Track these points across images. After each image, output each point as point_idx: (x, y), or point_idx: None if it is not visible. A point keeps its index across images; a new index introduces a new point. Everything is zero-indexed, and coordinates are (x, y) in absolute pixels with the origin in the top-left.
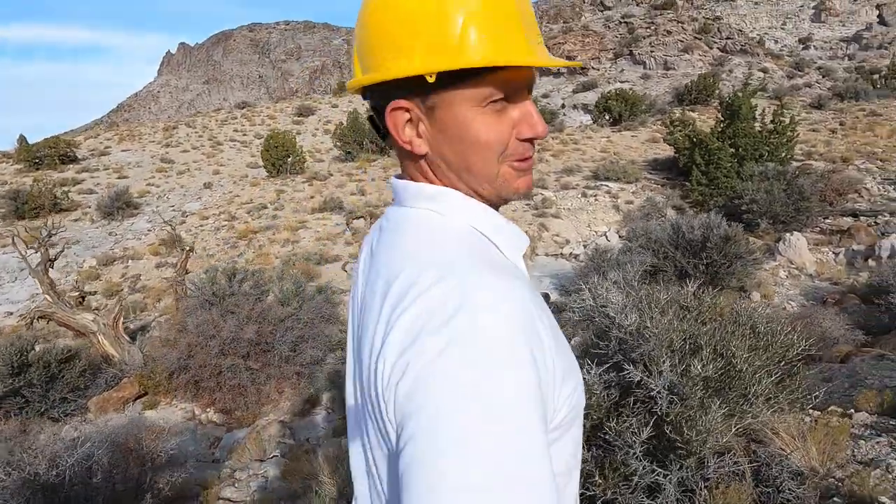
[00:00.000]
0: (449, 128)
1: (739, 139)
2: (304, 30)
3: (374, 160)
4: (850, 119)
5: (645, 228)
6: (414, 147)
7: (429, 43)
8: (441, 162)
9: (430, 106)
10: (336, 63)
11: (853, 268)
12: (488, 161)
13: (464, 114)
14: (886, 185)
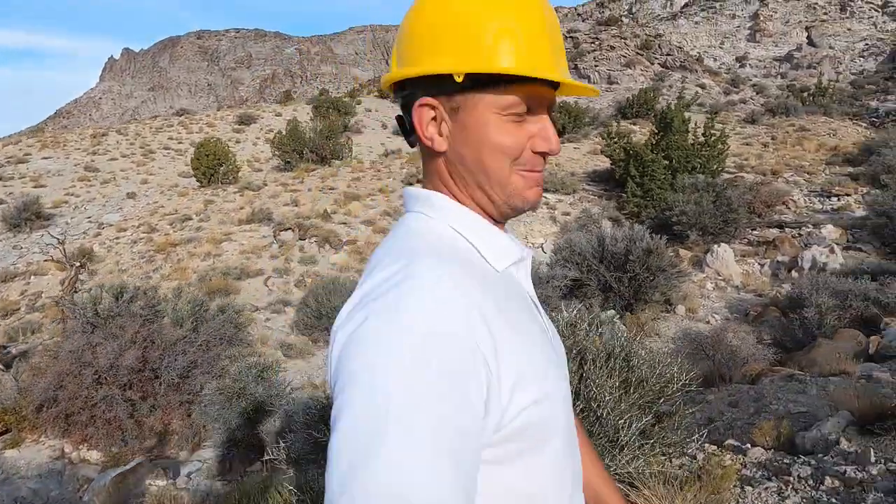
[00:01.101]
0: (470, 129)
1: (672, 151)
2: (254, 38)
3: (314, 170)
4: (781, 134)
5: (569, 241)
6: (434, 144)
7: (463, 46)
8: (458, 162)
9: (454, 107)
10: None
11: (777, 279)
12: (502, 165)
13: (486, 118)
14: (812, 197)
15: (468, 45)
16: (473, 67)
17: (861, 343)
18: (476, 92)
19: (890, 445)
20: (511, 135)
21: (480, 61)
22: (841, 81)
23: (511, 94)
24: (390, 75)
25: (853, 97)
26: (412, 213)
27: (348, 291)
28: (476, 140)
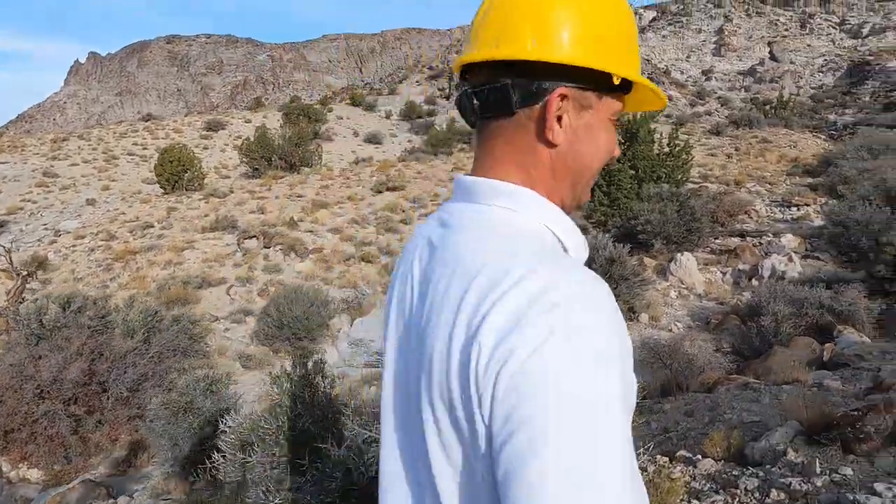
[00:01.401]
0: (593, 129)
1: (639, 161)
2: (226, 44)
3: (282, 177)
4: (745, 145)
5: None
6: (554, 135)
7: (625, 50)
8: (569, 157)
9: (585, 104)
10: (259, 79)
11: (739, 287)
12: (600, 167)
13: (603, 121)
14: (773, 206)
15: (628, 51)
16: (629, 74)
17: (815, 351)
18: (608, 95)
19: (835, 456)
20: (612, 139)
21: (633, 69)
22: (801, 95)
23: (622, 103)
24: (542, 54)
25: (813, 110)
26: (490, 206)
27: (311, 300)
28: (594, 141)
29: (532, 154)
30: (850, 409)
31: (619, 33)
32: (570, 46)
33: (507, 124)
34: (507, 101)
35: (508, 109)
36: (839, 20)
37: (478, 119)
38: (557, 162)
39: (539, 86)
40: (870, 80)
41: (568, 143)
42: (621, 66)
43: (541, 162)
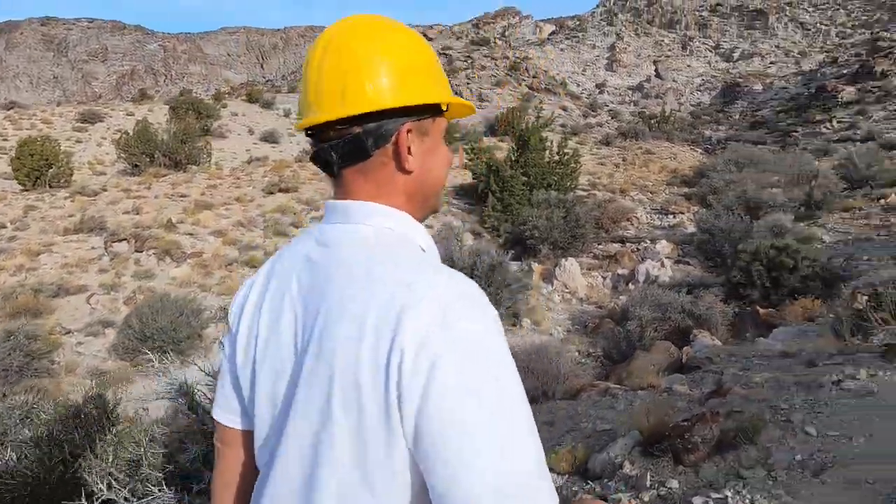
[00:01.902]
0: (434, 150)
1: (530, 168)
2: (111, 30)
3: (165, 175)
4: (631, 155)
5: None
6: (408, 164)
7: (441, 80)
8: (421, 178)
9: (423, 131)
10: (150, 69)
11: (617, 291)
12: (444, 181)
13: (439, 140)
14: (653, 214)
15: (442, 80)
16: (450, 98)
17: (673, 355)
18: (438, 118)
19: (666, 468)
20: (448, 152)
21: (449, 91)
22: (682, 111)
23: (444, 119)
24: (389, 99)
25: (692, 125)
26: (370, 226)
27: (180, 308)
28: (438, 157)
29: (390, 183)
30: (682, 419)
31: (432, 66)
32: (407, 90)
33: (365, 166)
34: (363, 148)
35: (366, 155)
36: (714, 44)
37: (339, 168)
38: (411, 185)
39: (386, 128)
40: (739, 100)
41: (419, 167)
42: (442, 94)
43: (399, 187)
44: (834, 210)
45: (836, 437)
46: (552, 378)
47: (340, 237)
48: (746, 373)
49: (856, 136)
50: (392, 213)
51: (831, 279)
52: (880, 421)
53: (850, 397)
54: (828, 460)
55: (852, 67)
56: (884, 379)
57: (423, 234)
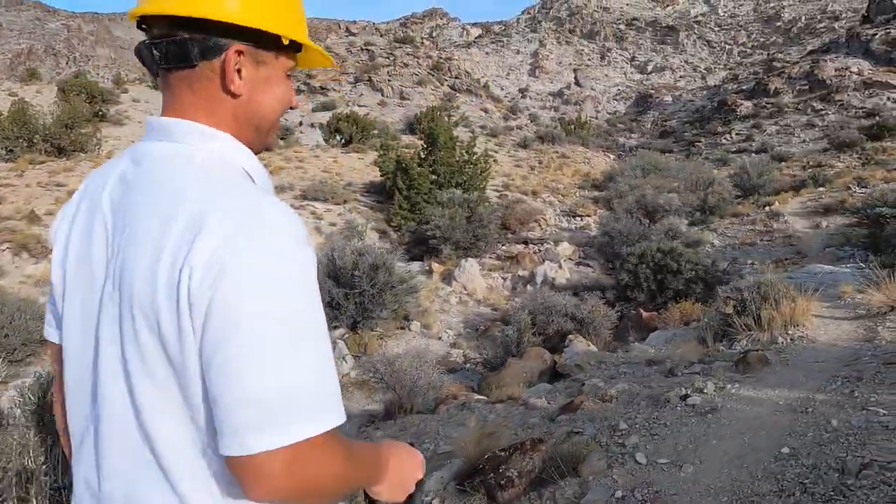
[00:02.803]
0: (270, 81)
1: (439, 167)
2: (6, 5)
3: (43, 162)
4: (547, 159)
5: None
6: (234, 85)
7: (291, 15)
8: (249, 105)
9: (260, 60)
10: (50, 49)
11: (515, 293)
12: (279, 115)
13: (279, 75)
14: (561, 216)
15: (294, 16)
16: (296, 36)
17: (546, 361)
18: (281, 53)
19: None
20: (289, 91)
21: (299, 32)
22: (599, 119)
23: (293, 60)
24: (213, 10)
25: (607, 132)
26: (188, 145)
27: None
28: (273, 92)
29: (217, 102)
30: (501, 447)
31: (285, 2)
32: (240, 8)
33: (190, 75)
34: (187, 54)
35: (189, 62)
36: (630, 56)
37: (160, 69)
38: (240, 109)
39: (216, 42)
40: (651, 110)
41: (248, 94)
42: (288, 29)
43: (225, 109)
44: (725, 215)
45: (665, 465)
46: (407, 390)
47: (156, 156)
48: (610, 382)
49: (751, 147)
50: (215, 135)
51: (712, 282)
52: (715, 444)
53: (693, 415)
54: (648, 497)
55: (750, 84)
56: (730, 393)
57: (249, 159)
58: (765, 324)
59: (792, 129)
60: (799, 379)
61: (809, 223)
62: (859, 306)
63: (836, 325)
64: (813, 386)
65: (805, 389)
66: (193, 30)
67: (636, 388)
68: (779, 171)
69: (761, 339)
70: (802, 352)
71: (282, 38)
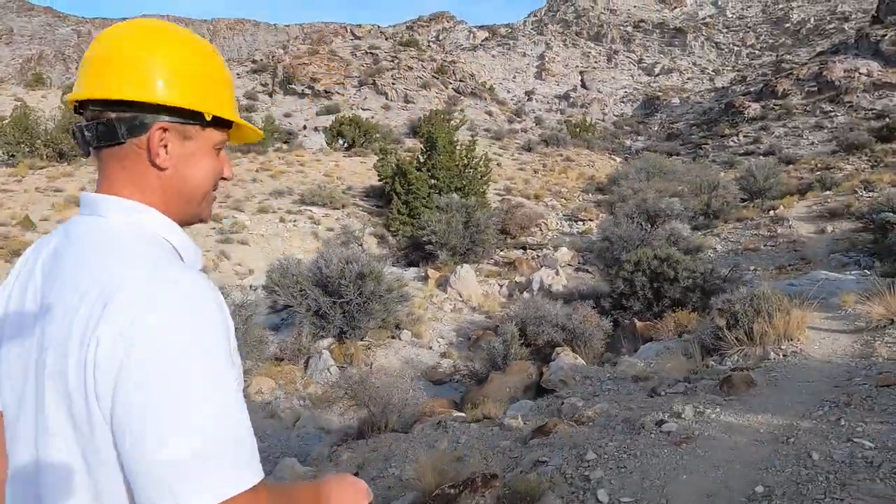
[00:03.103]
0: (196, 155)
1: (438, 171)
2: (17, 10)
3: (42, 168)
4: (551, 162)
5: (283, 264)
6: (160, 160)
7: (215, 93)
8: (176, 179)
9: (187, 135)
10: (60, 54)
11: (512, 300)
12: (209, 187)
13: (207, 149)
14: (563, 220)
15: (219, 93)
16: (220, 112)
17: (532, 375)
18: (206, 128)
19: None
20: (215, 166)
21: (224, 109)
22: (606, 121)
23: (223, 134)
24: (137, 92)
25: (614, 135)
26: (114, 220)
27: None
28: (200, 165)
29: (145, 176)
30: (451, 483)
31: (209, 79)
32: (162, 89)
33: (119, 152)
34: (115, 133)
35: (117, 140)
36: (638, 58)
37: (92, 149)
38: (167, 183)
39: (141, 120)
40: (658, 112)
41: (175, 168)
42: (211, 106)
43: (153, 183)
44: (729, 220)
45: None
46: (381, 407)
47: (82, 230)
48: (590, 401)
49: (759, 149)
50: (140, 209)
51: (710, 290)
52: (685, 479)
53: (666, 444)
54: None
55: (758, 86)
56: (709, 419)
57: (174, 232)
58: (757, 338)
59: (800, 131)
60: (784, 403)
61: (815, 228)
62: (858, 318)
63: (832, 339)
64: (798, 411)
65: (790, 415)
66: (121, 110)
67: (615, 408)
68: (786, 174)
69: (753, 355)
70: (793, 370)
71: (204, 114)
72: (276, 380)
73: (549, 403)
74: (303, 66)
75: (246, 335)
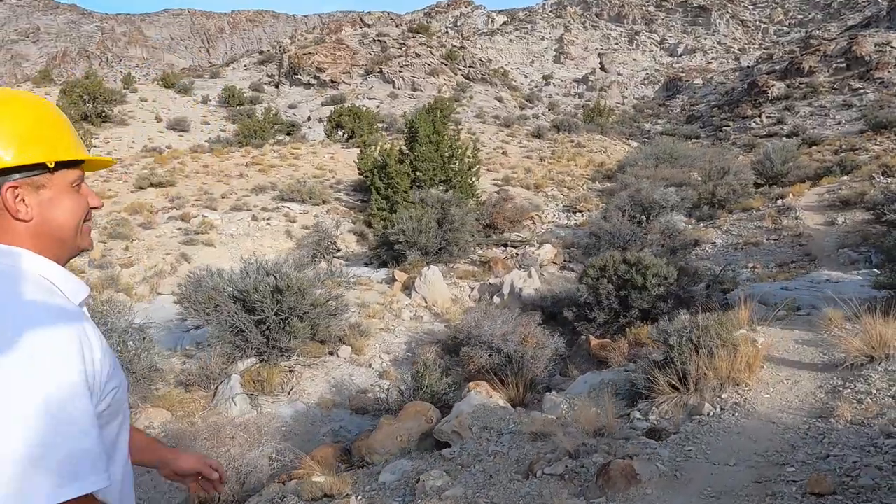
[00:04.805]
0: (54, 199)
1: (420, 163)
2: (43, 8)
3: None
4: (560, 149)
5: (198, 276)
6: (21, 214)
7: (51, 142)
8: (42, 224)
9: (39, 184)
10: (84, 51)
11: (482, 304)
12: (77, 222)
13: (64, 190)
14: (561, 212)
15: (51, 140)
16: (59, 157)
17: (430, 420)
18: (55, 173)
19: None
20: (79, 202)
21: (61, 151)
22: (626, 105)
23: (76, 171)
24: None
25: (633, 119)
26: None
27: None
28: (61, 206)
29: (13, 229)
30: None
31: (43, 130)
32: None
33: None
34: None
35: None
36: (660, 39)
37: None
38: (36, 230)
39: None
40: (681, 94)
41: (38, 216)
42: (51, 153)
43: (22, 232)
44: (735, 209)
45: None
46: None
47: None
48: (455, 476)
49: (782, 131)
50: (11, 252)
51: (686, 300)
52: None
53: None
54: None
55: (783, 64)
56: None
57: (50, 268)
58: (691, 383)
59: (827, 110)
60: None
61: (824, 219)
62: (836, 347)
63: (792, 383)
64: None
65: None
66: None
67: (469, 496)
68: (808, 156)
69: (685, 406)
70: (720, 439)
71: (47, 163)
72: (175, 411)
73: (420, 469)
74: (308, 56)
75: (133, 364)
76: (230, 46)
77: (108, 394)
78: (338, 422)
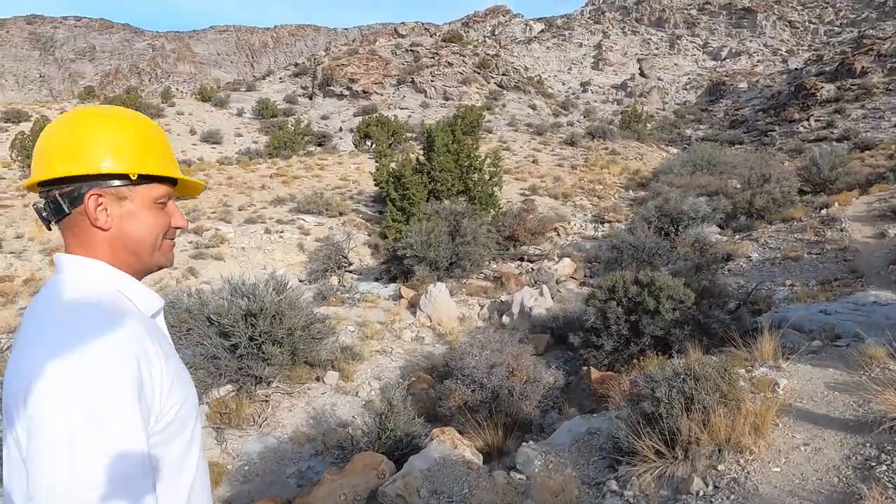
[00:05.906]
0: (134, 213)
1: (437, 174)
2: (99, 28)
3: None
4: (594, 156)
5: (176, 296)
6: (99, 222)
7: (138, 155)
8: (120, 236)
9: (121, 196)
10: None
11: (490, 324)
12: (156, 238)
13: (145, 205)
14: (589, 223)
15: (139, 152)
16: (145, 170)
17: (381, 475)
18: (138, 186)
19: None
20: (159, 220)
21: (149, 166)
22: (667, 110)
23: (160, 190)
24: (61, 169)
25: (674, 125)
26: (70, 276)
27: None
28: (141, 220)
29: (92, 238)
30: None
31: (132, 144)
32: (86, 160)
33: (70, 220)
34: (60, 207)
35: (64, 213)
36: (703, 43)
37: (51, 222)
38: (113, 240)
39: (78, 191)
40: (724, 98)
41: (116, 227)
42: (134, 167)
43: (100, 242)
44: (774, 220)
45: None
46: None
47: (45, 288)
48: None
49: (832, 135)
50: (83, 262)
51: (707, 326)
52: None
53: None
54: None
55: (833, 65)
56: None
57: (124, 281)
58: (679, 450)
59: (881, 112)
60: None
61: (873, 231)
62: (871, 401)
63: (812, 449)
64: None
65: None
66: (60, 186)
67: None
68: (859, 162)
69: (671, 478)
70: None
71: (129, 175)
72: None
73: None
74: (341, 67)
75: None
76: (273, 60)
77: (171, 409)
78: (307, 461)
